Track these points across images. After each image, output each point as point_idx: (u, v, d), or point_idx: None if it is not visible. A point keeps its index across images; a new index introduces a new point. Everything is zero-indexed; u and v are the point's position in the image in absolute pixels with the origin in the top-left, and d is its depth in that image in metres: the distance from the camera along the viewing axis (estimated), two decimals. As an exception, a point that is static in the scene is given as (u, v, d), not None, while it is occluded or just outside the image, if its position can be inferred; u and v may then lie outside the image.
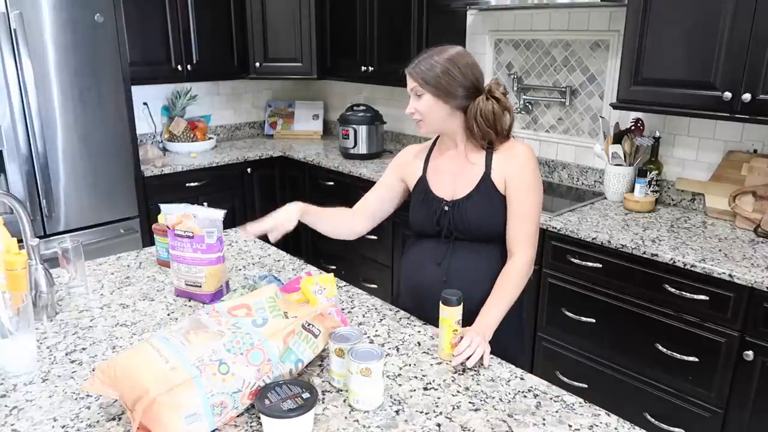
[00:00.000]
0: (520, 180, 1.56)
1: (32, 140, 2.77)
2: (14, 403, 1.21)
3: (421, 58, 1.56)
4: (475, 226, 1.58)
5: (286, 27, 3.78)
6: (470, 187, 1.59)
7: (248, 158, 3.69)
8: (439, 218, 1.61)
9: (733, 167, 2.40)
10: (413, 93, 1.57)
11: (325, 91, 4.41)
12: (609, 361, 2.33)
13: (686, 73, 2.20)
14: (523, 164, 1.57)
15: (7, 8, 2.61)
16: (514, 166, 1.57)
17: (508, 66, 3.19)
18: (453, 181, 1.63)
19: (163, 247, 1.88)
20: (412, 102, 1.58)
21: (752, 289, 1.91)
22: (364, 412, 1.18)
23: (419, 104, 1.57)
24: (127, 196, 3.15)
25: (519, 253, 1.57)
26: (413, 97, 1.58)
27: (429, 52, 1.56)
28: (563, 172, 3.05)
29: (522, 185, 1.56)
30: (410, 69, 1.57)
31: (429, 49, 1.58)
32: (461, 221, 1.58)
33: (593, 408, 1.21)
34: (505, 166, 1.57)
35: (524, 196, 1.56)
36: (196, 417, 1.07)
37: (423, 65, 1.55)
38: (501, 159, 1.58)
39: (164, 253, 1.88)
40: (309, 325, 1.25)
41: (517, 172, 1.56)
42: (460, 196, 1.60)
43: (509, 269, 1.56)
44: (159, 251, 1.91)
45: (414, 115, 1.59)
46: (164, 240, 1.85)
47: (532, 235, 1.58)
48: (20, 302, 1.30)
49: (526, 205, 1.56)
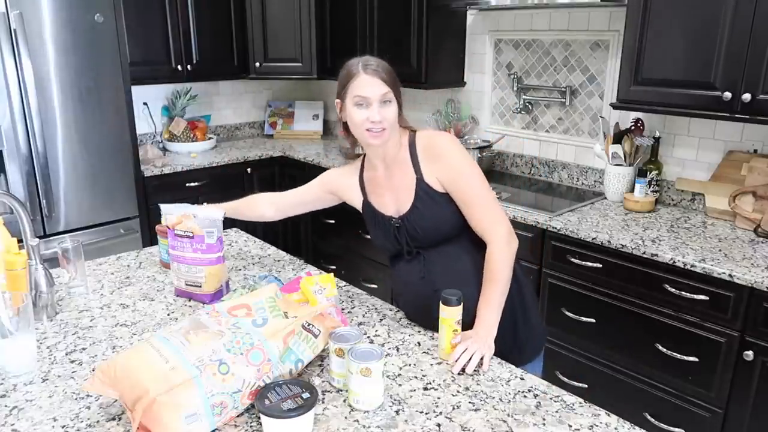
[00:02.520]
0: (450, 171, 1.50)
1: (32, 140, 2.77)
2: (14, 403, 1.21)
3: (373, 60, 1.49)
4: (431, 233, 1.53)
5: (286, 27, 3.78)
6: (411, 197, 1.53)
7: (248, 158, 3.69)
8: (395, 236, 1.57)
9: (733, 167, 2.40)
10: (380, 100, 1.46)
11: (325, 91, 4.41)
12: (609, 361, 2.33)
13: (686, 73, 2.20)
14: (444, 154, 1.50)
15: (7, 8, 2.61)
16: (438, 161, 1.51)
17: (508, 66, 3.19)
18: (393, 197, 1.58)
19: (166, 249, 1.87)
20: (377, 110, 1.45)
21: (752, 289, 1.91)
22: (364, 412, 1.18)
23: (388, 112, 1.47)
24: (127, 196, 3.15)
25: (491, 238, 1.50)
26: (379, 105, 1.46)
27: (369, 57, 1.50)
28: (563, 172, 3.05)
29: (455, 174, 1.50)
30: (375, 69, 1.47)
31: (368, 56, 1.51)
32: (416, 232, 1.54)
33: (593, 408, 1.21)
34: (431, 166, 1.51)
35: (464, 182, 1.50)
36: (196, 417, 1.07)
37: (382, 66, 1.48)
38: (425, 160, 1.52)
39: (166, 255, 1.88)
40: (309, 325, 1.26)
41: (444, 166, 1.50)
42: (405, 209, 1.54)
43: (490, 261, 1.49)
44: (161, 252, 1.91)
45: (381, 123, 1.46)
46: (166, 242, 1.85)
47: (495, 214, 1.51)
48: (20, 302, 1.30)
49: (470, 189, 1.50)
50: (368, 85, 1.46)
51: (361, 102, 1.47)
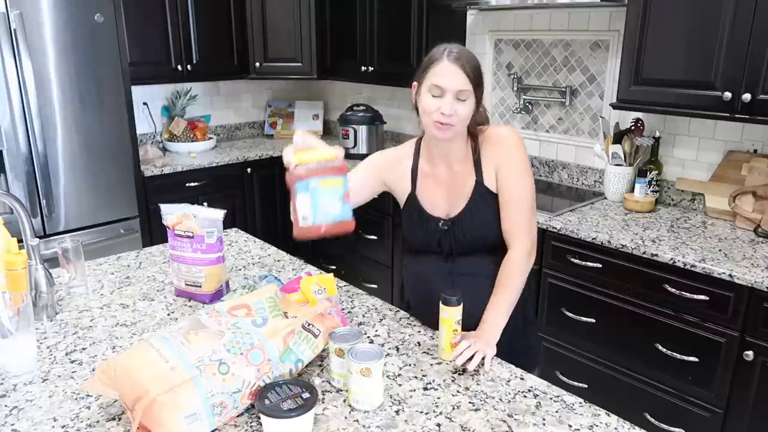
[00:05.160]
0: (510, 165, 1.47)
1: (32, 140, 2.77)
2: (14, 403, 1.21)
3: (459, 49, 1.38)
4: (477, 239, 1.50)
5: (286, 27, 3.78)
6: (464, 200, 1.49)
7: (248, 158, 3.69)
8: (440, 239, 1.52)
9: (733, 167, 2.40)
10: (456, 94, 1.36)
11: (325, 91, 4.41)
12: (609, 361, 2.33)
13: (686, 73, 2.20)
14: (511, 148, 1.47)
15: (7, 8, 2.61)
16: (503, 151, 1.47)
17: (508, 66, 3.19)
18: (446, 198, 1.52)
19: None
20: (450, 103, 1.36)
21: (752, 289, 1.91)
22: (364, 412, 1.18)
23: (462, 108, 1.38)
24: (127, 196, 3.15)
25: (515, 244, 1.48)
26: (452, 99, 1.37)
27: (458, 45, 1.39)
28: (563, 172, 3.05)
29: (513, 171, 1.47)
30: (458, 58, 1.36)
31: (444, 43, 1.41)
32: (463, 237, 1.50)
33: (593, 408, 1.21)
34: (493, 154, 1.47)
35: (517, 182, 1.47)
36: (196, 417, 1.07)
37: (467, 57, 1.37)
38: (488, 149, 1.47)
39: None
40: (309, 325, 1.26)
41: (506, 158, 1.47)
42: (456, 213, 1.50)
43: (507, 266, 1.48)
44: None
45: (451, 118, 1.38)
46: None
47: (528, 223, 1.49)
48: (20, 302, 1.30)
49: (517, 191, 1.47)
50: (448, 74, 1.36)
51: (437, 92, 1.38)
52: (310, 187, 1.11)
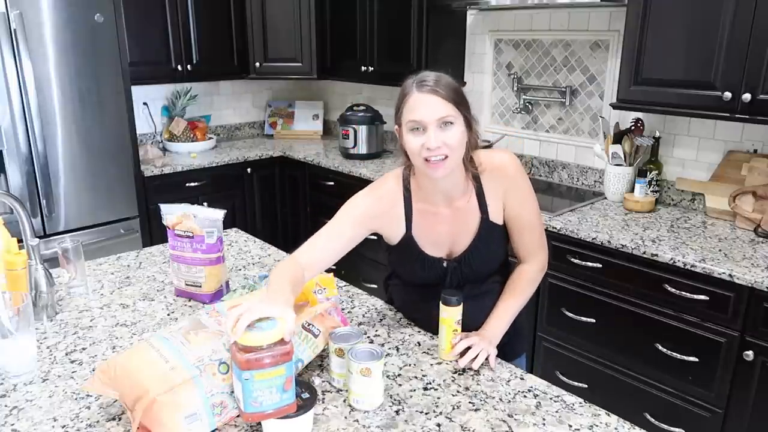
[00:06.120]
0: (517, 196, 1.42)
1: (32, 140, 2.77)
2: (14, 403, 1.21)
3: (430, 76, 1.26)
4: (482, 271, 1.47)
5: (286, 27, 3.78)
6: (470, 237, 1.42)
7: (248, 158, 3.69)
8: (444, 277, 1.46)
9: (733, 167, 2.40)
10: (439, 123, 1.24)
11: (325, 91, 4.41)
12: (609, 361, 2.33)
13: (686, 73, 2.20)
14: (516, 178, 1.41)
15: (7, 8, 2.61)
16: (508, 183, 1.40)
17: (508, 66, 3.19)
18: (449, 237, 1.43)
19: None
20: (434, 135, 1.23)
21: (752, 289, 1.91)
22: (364, 412, 1.18)
23: (449, 136, 1.24)
24: (127, 196, 3.15)
25: (532, 258, 1.49)
26: (435, 129, 1.23)
27: (426, 72, 1.29)
28: (563, 172, 3.05)
29: (521, 199, 1.42)
30: (431, 87, 1.23)
31: (411, 75, 1.29)
32: (471, 273, 1.45)
33: (593, 408, 1.21)
34: (495, 186, 1.40)
35: (527, 209, 1.44)
36: (196, 417, 1.07)
37: (440, 82, 1.25)
38: (490, 180, 1.39)
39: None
40: (309, 325, 1.26)
41: (513, 189, 1.41)
42: (461, 251, 1.43)
43: (520, 275, 1.48)
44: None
45: (440, 150, 1.23)
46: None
47: (540, 240, 1.49)
48: (20, 302, 1.30)
49: (529, 217, 1.45)
50: (422, 105, 1.23)
51: (416, 126, 1.25)
52: (242, 378, 1.01)
